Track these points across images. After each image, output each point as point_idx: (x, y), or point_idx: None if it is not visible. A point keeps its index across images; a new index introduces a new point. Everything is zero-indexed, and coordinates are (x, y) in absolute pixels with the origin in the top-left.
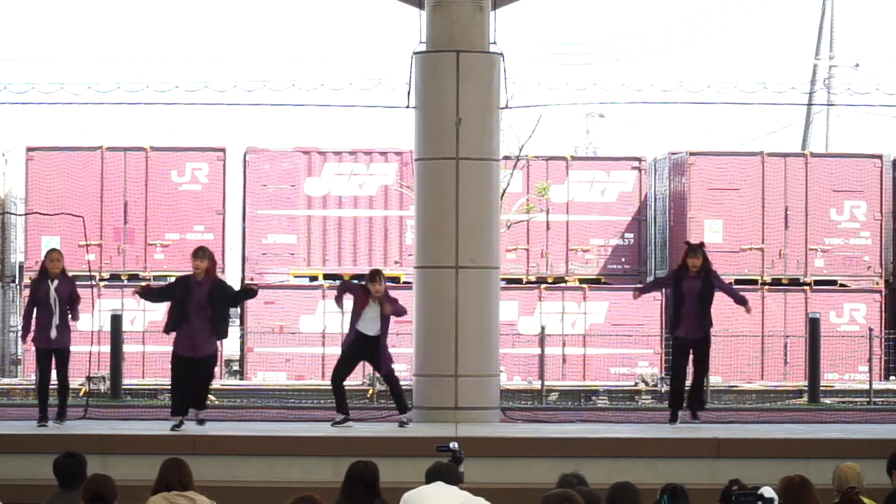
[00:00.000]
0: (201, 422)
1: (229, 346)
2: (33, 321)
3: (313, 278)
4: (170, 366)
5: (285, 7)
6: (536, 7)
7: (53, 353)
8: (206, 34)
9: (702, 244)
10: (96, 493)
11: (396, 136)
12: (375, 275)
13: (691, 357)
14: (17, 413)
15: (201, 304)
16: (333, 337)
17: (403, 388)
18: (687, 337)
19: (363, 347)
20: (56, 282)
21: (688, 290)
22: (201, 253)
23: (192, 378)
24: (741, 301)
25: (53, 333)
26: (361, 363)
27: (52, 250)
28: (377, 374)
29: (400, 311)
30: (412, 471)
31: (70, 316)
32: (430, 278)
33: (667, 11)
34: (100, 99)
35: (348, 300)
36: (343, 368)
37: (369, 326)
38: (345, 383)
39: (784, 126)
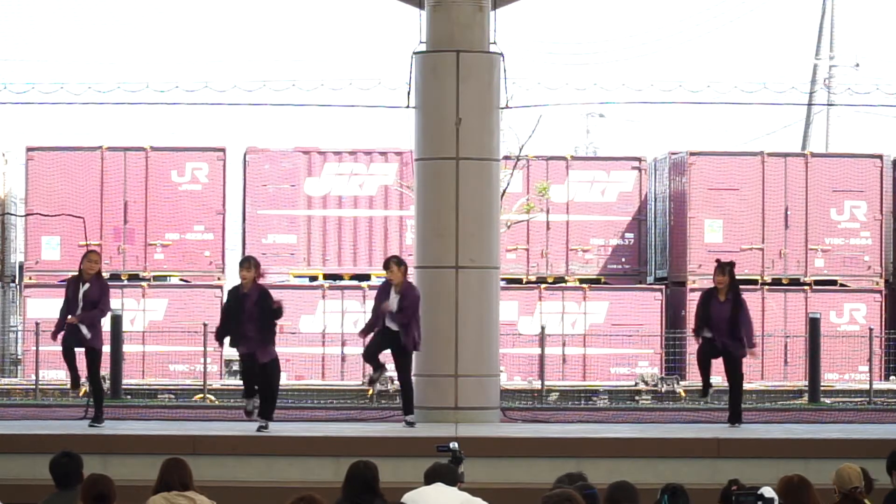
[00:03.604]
0: (260, 429)
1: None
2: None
3: (313, 278)
4: (239, 366)
5: (285, 7)
6: (536, 7)
7: (84, 352)
8: (206, 34)
9: (730, 263)
10: (96, 493)
11: (396, 136)
12: (387, 263)
13: (723, 367)
14: (18, 413)
15: (251, 314)
16: (333, 337)
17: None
18: (715, 340)
19: (387, 338)
20: (87, 284)
21: (716, 315)
22: (247, 263)
23: (257, 378)
24: (749, 343)
25: (82, 332)
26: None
27: (91, 252)
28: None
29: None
30: (412, 471)
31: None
32: (430, 278)
33: (667, 11)
34: (100, 99)
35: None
36: (372, 346)
37: (389, 318)
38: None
39: (784, 126)
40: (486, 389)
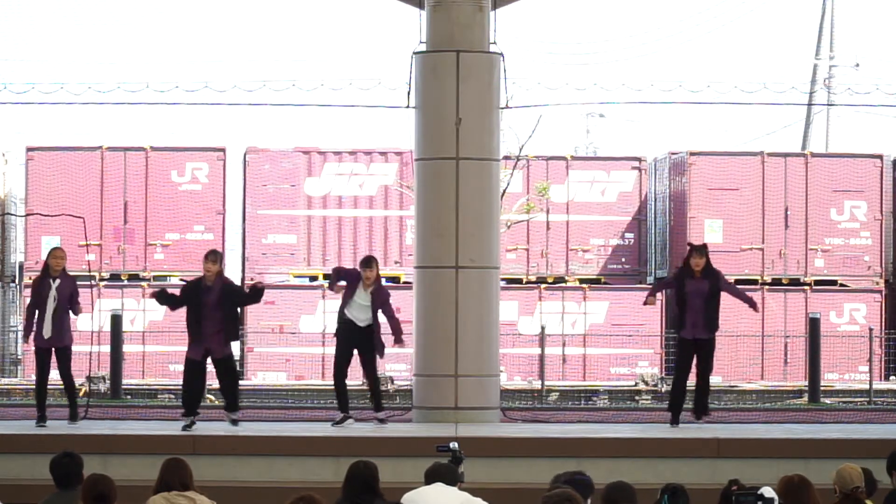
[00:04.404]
0: (235, 422)
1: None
2: (35, 320)
3: (313, 278)
4: (182, 370)
5: (285, 7)
6: (536, 7)
7: (54, 351)
8: (206, 34)
9: (704, 245)
10: (96, 494)
11: (396, 136)
12: (370, 261)
13: (695, 359)
14: (17, 413)
15: (213, 308)
16: (333, 337)
17: (404, 388)
18: (693, 338)
19: (353, 336)
20: (58, 281)
21: (692, 291)
22: (213, 256)
23: (202, 381)
24: (749, 302)
25: (50, 332)
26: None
27: (56, 248)
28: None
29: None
30: (412, 471)
31: (71, 311)
32: (430, 278)
33: (667, 11)
34: (100, 99)
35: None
36: (340, 363)
37: (359, 315)
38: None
39: (784, 126)
40: (486, 389)
